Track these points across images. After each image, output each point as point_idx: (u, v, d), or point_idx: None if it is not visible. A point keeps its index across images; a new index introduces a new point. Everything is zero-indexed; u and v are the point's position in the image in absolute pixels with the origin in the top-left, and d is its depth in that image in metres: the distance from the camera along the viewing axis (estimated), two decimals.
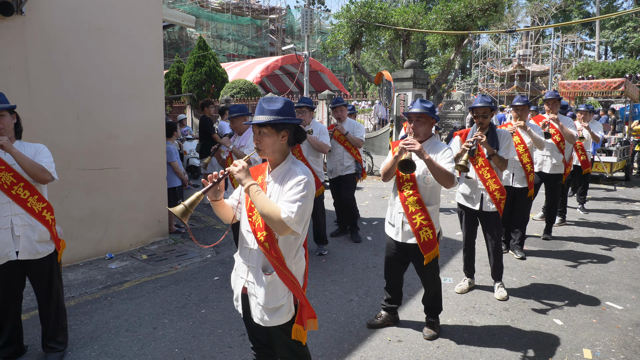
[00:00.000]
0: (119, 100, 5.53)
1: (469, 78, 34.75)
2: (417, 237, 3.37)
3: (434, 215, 3.42)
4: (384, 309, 3.80)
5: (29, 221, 3.06)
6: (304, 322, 2.29)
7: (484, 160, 4.18)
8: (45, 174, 3.02)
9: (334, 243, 6.08)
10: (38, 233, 3.09)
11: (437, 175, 3.21)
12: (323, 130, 5.54)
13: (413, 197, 3.36)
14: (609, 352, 3.40)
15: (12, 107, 3.04)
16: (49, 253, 3.18)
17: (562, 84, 11.48)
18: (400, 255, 3.57)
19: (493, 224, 4.29)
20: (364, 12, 13.00)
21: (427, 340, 3.56)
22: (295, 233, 2.12)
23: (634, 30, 36.69)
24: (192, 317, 3.95)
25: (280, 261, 2.18)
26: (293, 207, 2.07)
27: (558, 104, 5.84)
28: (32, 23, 4.74)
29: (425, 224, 3.36)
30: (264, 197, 2.11)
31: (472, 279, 4.58)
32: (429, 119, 3.36)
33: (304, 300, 2.30)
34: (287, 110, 2.19)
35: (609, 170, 10.31)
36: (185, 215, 2.08)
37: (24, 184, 3.03)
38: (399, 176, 3.43)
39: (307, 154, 5.47)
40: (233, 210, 2.38)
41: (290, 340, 2.30)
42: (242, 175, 2.12)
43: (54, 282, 3.23)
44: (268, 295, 2.20)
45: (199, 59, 17.23)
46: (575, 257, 5.50)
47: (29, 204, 3.05)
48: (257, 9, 33.85)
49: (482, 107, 4.11)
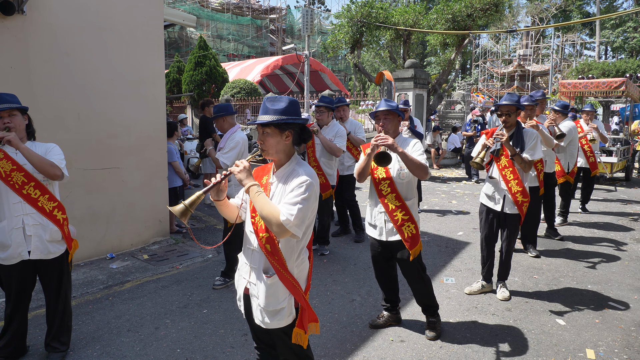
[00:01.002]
0: (120, 100, 5.52)
1: (469, 78, 34.73)
2: (400, 234, 3.39)
3: (414, 209, 3.45)
4: (385, 309, 3.80)
5: (40, 220, 3.08)
6: (304, 326, 2.25)
7: (508, 160, 4.13)
8: (55, 169, 3.02)
9: (336, 243, 6.08)
10: (49, 233, 3.11)
11: (411, 167, 3.25)
12: (340, 133, 5.39)
13: (392, 195, 3.39)
14: (612, 352, 3.39)
15: (23, 107, 3.08)
16: (61, 253, 3.19)
17: (562, 83, 11.42)
18: (385, 253, 3.58)
19: (511, 226, 4.26)
20: (365, 11, 12.99)
21: (430, 340, 3.55)
22: (295, 236, 2.08)
23: (634, 30, 36.70)
24: (194, 317, 3.94)
25: (281, 263, 2.16)
26: (293, 210, 2.03)
27: (545, 103, 5.95)
28: (33, 22, 4.73)
29: (407, 219, 3.38)
30: (263, 199, 2.08)
31: (487, 283, 4.44)
32: (395, 116, 3.41)
33: (305, 303, 2.26)
34: (292, 110, 2.16)
35: (609, 171, 10.27)
36: (185, 214, 2.06)
37: (35, 184, 3.05)
38: (375, 176, 3.46)
39: (320, 155, 5.38)
40: (237, 209, 2.37)
41: (289, 344, 2.28)
42: (243, 175, 2.11)
43: (63, 282, 3.24)
44: (269, 298, 2.18)
45: (199, 58, 17.25)
46: (578, 257, 5.49)
47: (40, 203, 3.07)
48: (258, 8, 33.87)
49: (506, 105, 4.08)
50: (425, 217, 7.50)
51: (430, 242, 6.12)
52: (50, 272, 3.19)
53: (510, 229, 4.27)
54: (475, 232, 6.43)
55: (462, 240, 6.19)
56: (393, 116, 3.39)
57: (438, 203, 8.46)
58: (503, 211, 4.21)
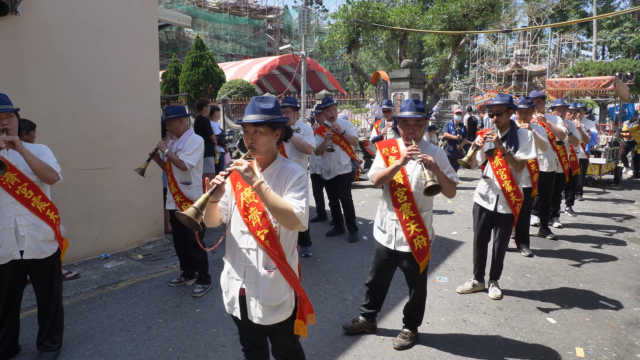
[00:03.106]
0: (115, 100, 5.53)
1: (466, 78, 34.77)
2: (411, 246, 3.24)
3: (427, 221, 3.31)
4: (362, 315, 3.66)
5: (34, 221, 3.10)
6: (304, 317, 2.33)
7: (502, 160, 4.15)
8: (52, 174, 3.07)
9: (330, 243, 6.09)
10: (43, 232, 3.14)
11: (445, 186, 3.13)
12: (308, 131, 5.48)
13: (407, 204, 3.24)
14: (602, 350, 3.42)
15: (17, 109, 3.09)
16: (53, 253, 3.21)
17: (549, 82, 11.13)
18: (391, 261, 3.41)
19: (504, 225, 4.27)
20: (361, 12, 13.02)
21: (397, 349, 3.39)
22: (304, 227, 2.16)
23: (631, 30, 36.77)
24: (187, 317, 3.96)
25: (282, 257, 2.22)
26: (302, 203, 2.12)
27: (543, 103, 5.91)
28: (27, 23, 4.74)
29: (419, 232, 3.23)
30: (275, 194, 2.11)
31: (479, 282, 4.46)
32: (425, 121, 3.23)
33: (304, 294, 2.33)
34: (279, 109, 2.23)
35: (597, 172, 10.04)
36: (197, 217, 2.02)
37: (28, 184, 3.07)
38: (393, 181, 3.29)
39: (291, 154, 5.41)
40: (220, 213, 2.35)
41: (289, 338, 2.34)
42: (250, 173, 2.08)
43: (55, 282, 3.26)
44: (271, 293, 2.22)
45: (196, 58, 17.24)
46: (570, 257, 5.52)
47: (33, 203, 3.09)
48: (255, 8, 33.86)
49: (497, 104, 4.10)
50: None
51: None
52: (43, 271, 3.21)
53: (503, 229, 4.29)
54: (469, 232, 6.46)
55: (456, 240, 6.21)
56: (423, 121, 3.20)
57: (433, 202, 8.42)
58: (496, 211, 4.24)
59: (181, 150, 4.27)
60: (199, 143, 4.32)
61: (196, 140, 4.33)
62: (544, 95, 5.99)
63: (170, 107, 4.37)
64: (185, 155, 4.23)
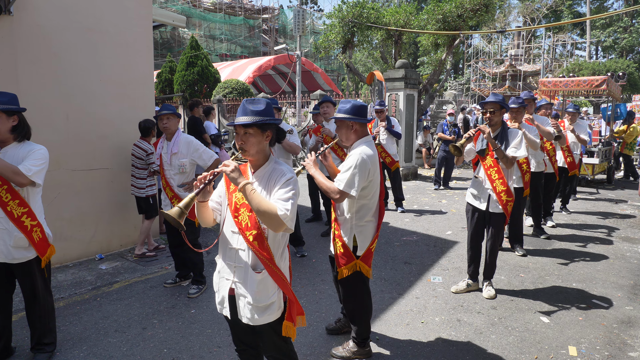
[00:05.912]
0: (109, 101, 5.52)
1: (461, 78, 34.88)
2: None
3: None
4: (344, 314, 3.63)
5: (6, 226, 3.00)
6: (293, 319, 2.33)
7: (493, 160, 4.21)
8: (18, 177, 2.88)
9: (325, 243, 6.10)
10: (14, 239, 3.02)
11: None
12: (293, 131, 5.53)
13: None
14: (594, 349, 3.45)
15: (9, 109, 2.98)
16: (27, 260, 3.09)
17: (542, 81, 11.15)
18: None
19: (496, 225, 4.31)
20: (356, 12, 13.02)
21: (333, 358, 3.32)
22: (289, 229, 2.15)
23: (624, 31, 37.04)
24: (182, 317, 3.96)
25: (270, 259, 2.21)
26: (287, 205, 2.11)
27: (533, 105, 5.96)
28: (21, 23, 4.72)
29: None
30: (259, 196, 2.12)
31: (473, 282, 4.51)
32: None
33: (293, 296, 2.34)
34: (270, 111, 2.24)
35: (590, 172, 10.09)
36: (181, 217, 2.06)
37: (7, 187, 2.98)
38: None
39: (278, 155, 5.42)
40: (213, 213, 2.39)
41: (278, 338, 2.34)
42: (236, 174, 2.11)
43: (37, 287, 3.17)
44: (259, 293, 2.23)
45: (191, 58, 17.20)
46: (563, 256, 5.56)
47: (9, 207, 2.98)
48: (250, 8, 33.80)
49: (490, 103, 4.16)
50: (415, 216, 7.55)
51: (419, 241, 6.16)
52: (23, 275, 3.14)
53: (495, 228, 4.32)
54: (463, 232, 6.49)
55: (451, 240, 6.24)
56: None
57: (428, 202, 8.52)
58: (488, 210, 4.27)
59: (176, 154, 4.26)
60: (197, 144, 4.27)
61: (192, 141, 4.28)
62: (534, 97, 6.03)
63: (164, 105, 4.38)
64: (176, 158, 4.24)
